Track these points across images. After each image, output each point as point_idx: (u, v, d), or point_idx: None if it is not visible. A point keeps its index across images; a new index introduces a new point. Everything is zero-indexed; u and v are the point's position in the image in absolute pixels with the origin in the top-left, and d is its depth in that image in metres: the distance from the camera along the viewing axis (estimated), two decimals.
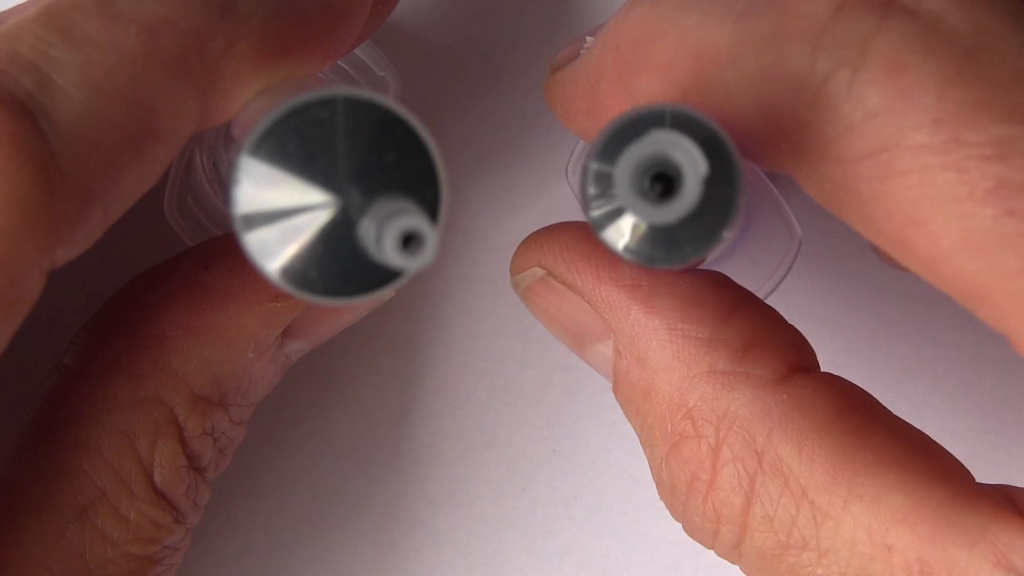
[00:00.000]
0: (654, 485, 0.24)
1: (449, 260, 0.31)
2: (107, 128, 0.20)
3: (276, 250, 0.18)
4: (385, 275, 0.18)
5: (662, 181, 0.19)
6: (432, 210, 0.18)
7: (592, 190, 0.19)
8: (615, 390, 0.24)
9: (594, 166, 0.19)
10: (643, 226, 0.19)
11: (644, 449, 0.23)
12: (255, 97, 0.22)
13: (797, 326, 0.23)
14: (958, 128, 0.18)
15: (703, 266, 0.25)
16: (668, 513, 0.24)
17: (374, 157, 0.18)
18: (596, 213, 0.19)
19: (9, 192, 0.19)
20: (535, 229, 0.25)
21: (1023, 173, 0.18)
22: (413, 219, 0.17)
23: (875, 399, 0.22)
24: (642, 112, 0.19)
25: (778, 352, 0.22)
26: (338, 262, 0.18)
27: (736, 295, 0.23)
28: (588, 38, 0.25)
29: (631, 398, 0.23)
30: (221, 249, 0.26)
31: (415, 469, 0.30)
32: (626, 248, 0.20)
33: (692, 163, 0.18)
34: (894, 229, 0.19)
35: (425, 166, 0.18)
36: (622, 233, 0.20)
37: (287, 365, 0.27)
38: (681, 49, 0.21)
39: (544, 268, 0.24)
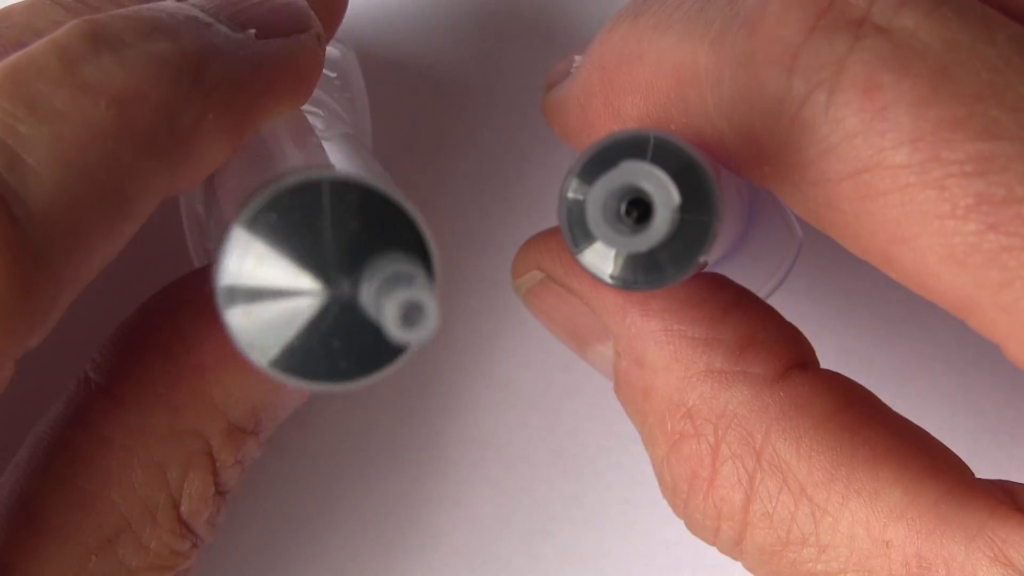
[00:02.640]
0: (654, 484, 0.24)
1: (449, 261, 0.31)
2: (79, 211, 0.19)
3: (263, 334, 0.17)
4: (383, 357, 0.18)
5: (638, 207, 0.19)
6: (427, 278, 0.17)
7: (568, 216, 0.19)
8: (616, 390, 0.24)
9: (570, 193, 0.19)
10: (621, 252, 0.19)
11: (646, 448, 0.23)
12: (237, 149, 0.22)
13: (797, 326, 0.23)
14: (936, 146, 0.18)
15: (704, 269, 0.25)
16: (668, 513, 0.24)
17: (363, 235, 0.17)
18: (573, 239, 0.20)
19: None
20: (535, 230, 0.25)
21: (1003, 188, 0.18)
22: (411, 291, 0.16)
23: (874, 395, 0.22)
24: (618, 139, 0.19)
25: (775, 350, 0.22)
26: (331, 347, 0.17)
27: (733, 294, 0.23)
28: (576, 57, 0.25)
29: (632, 398, 0.23)
30: None
31: (415, 469, 0.30)
32: (606, 274, 0.20)
33: (664, 194, 0.18)
34: (879, 247, 0.19)
35: (415, 241, 0.18)
36: (600, 258, 0.20)
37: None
38: (660, 71, 0.21)
39: (543, 271, 0.24)
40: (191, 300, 0.25)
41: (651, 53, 0.22)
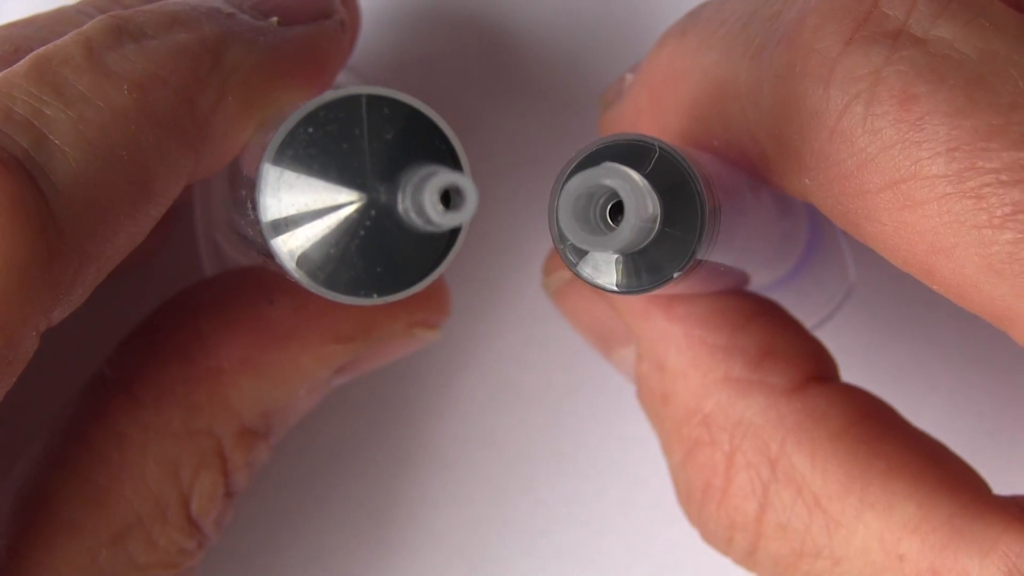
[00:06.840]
0: (654, 484, 0.24)
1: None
2: (103, 188, 0.20)
3: (308, 253, 0.18)
4: (420, 270, 0.18)
5: (622, 212, 0.18)
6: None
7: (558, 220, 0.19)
8: (638, 395, 0.24)
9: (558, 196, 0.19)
10: (606, 256, 0.19)
11: (664, 454, 0.23)
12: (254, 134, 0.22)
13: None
14: (973, 156, 0.18)
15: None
16: (668, 513, 0.24)
17: (397, 146, 0.18)
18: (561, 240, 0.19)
19: (11, 254, 0.19)
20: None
21: None
22: (450, 175, 0.17)
23: (892, 409, 0.22)
24: (619, 141, 0.19)
25: (793, 360, 0.22)
26: (372, 260, 0.18)
27: (756, 304, 0.23)
28: (628, 76, 0.25)
29: (651, 403, 0.23)
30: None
31: (415, 469, 0.30)
32: (586, 274, 0.20)
33: (638, 200, 0.18)
34: (919, 258, 0.19)
35: (446, 151, 0.18)
36: (589, 263, 0.20)
37: (326, 392, 0.27)
38: (703, 87, 0.22)
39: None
40: (210, 303, 0.25)
41: (695, 70, 0.22)
